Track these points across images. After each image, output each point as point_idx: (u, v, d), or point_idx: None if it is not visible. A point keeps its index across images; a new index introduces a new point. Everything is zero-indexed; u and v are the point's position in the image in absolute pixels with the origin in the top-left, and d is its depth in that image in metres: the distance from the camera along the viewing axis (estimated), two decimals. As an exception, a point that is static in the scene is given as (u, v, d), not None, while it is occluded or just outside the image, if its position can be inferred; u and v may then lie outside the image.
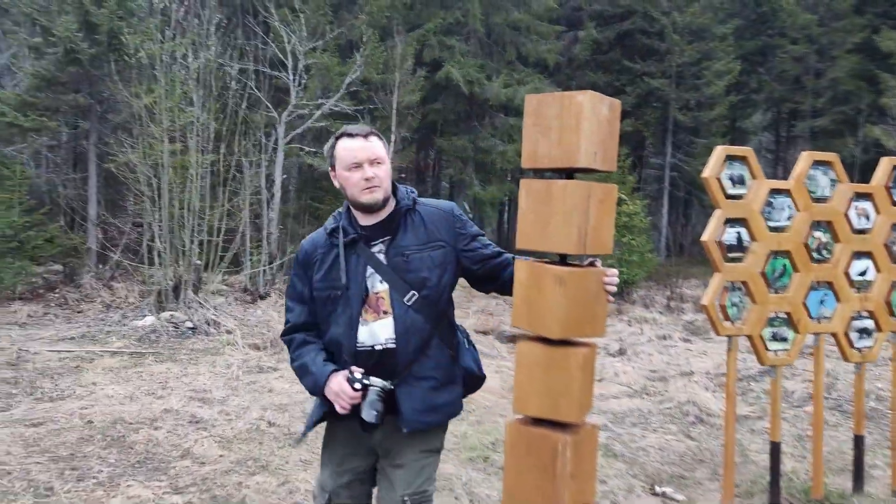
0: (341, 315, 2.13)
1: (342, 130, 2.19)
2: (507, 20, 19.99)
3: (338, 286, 2.13)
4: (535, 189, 1.91)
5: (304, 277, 2.24)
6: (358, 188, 2.12)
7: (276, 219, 12.06)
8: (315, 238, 2.26)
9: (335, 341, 2.16)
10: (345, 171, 2.14)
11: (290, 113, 12.09)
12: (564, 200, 1.84)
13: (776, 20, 25.84)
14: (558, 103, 1.84)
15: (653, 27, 23.22)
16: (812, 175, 3.87)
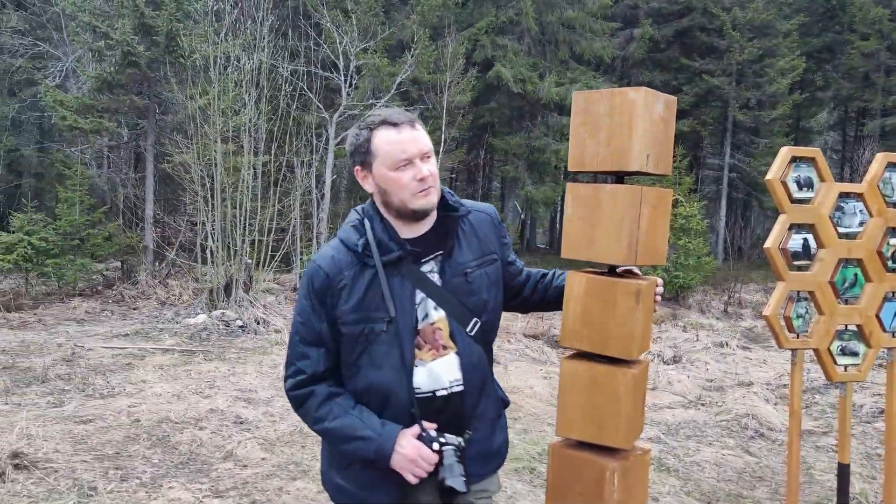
0: (385, 355, 1.65)
1: (380, 118, 1.69)
2: (560, 18, 19.71)
3: (380, 318, 1.64)
4: (581, 194, 1.77)
5: (321, 310, 1.68)
6: (409, 191, 1.65)
7: (325, 218, 12.13)
8: (336, 257, 1.69)
9: (377, 390, 1.68)
10: (390, 170, 1.66)
11: (342, 114, 12.13)
12: (614, 206, 1.70)
13: (845, 15, 24.79)
14: (608, 101, 1.70)
15: (712, 24, 22.57)
16: (887, 178, 3.59)
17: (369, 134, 1.69)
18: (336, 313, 1.66)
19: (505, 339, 9.46)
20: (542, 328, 11.28)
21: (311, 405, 1.70)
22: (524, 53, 19.49)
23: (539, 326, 11.32)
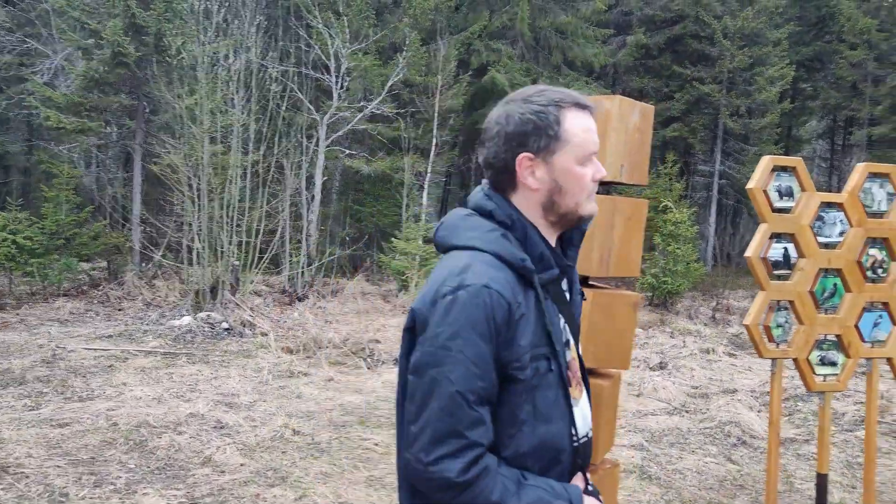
0: (553, 402, 1.31)
1: (568, 96, 1.34)
2: (553, 24, 19.76)
3: (543, 354, 1.29)
4: (554, 203, 1.75)
5: (499, 351, 1.24)
6: (586, 193, 1.36)
7: (315, 220, 12.08)
8: (507, 279, 1.26)
9: (548, 447, 1.31)
10: (577, 164, 1.34)
11: (332, 115, 12.10)
12: (587, 216, 1.68)
13: (834, 25, 24.99)
14: (582, 110, 1.68)
15: (704, 32, 22.68)
16: (867, 188, 3.60)
17: (559, 114, 1.32)
18: (510, 354, 1.24)
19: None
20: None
21: (486, 487, 1.21)
22: (518, 58, 19.53)
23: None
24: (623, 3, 23.26)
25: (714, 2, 22.30)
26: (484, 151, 1.34)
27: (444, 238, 1.33)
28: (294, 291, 12.28)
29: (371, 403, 5.93)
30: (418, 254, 11.76)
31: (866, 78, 23.48)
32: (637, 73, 24.02)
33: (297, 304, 11.79)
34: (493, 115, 1.35)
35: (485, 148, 1.34)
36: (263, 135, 10.52)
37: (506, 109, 1.33)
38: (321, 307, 11.55)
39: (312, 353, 7.89)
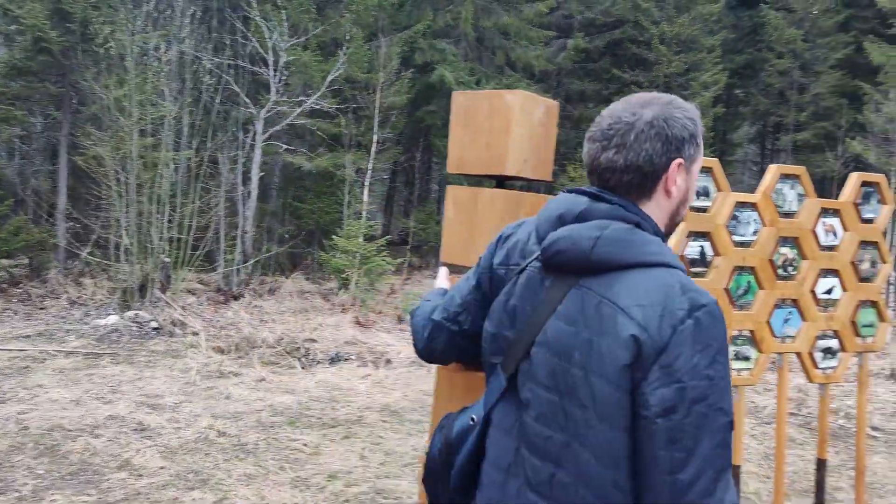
0: None
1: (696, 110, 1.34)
2: (497, 24, 19.89)
3: None
4: (461, 198, 1.74)
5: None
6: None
7: (252, 217, 11.84)
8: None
9: None
10: (695, 174, 1.34)
11: (270, 109, 11.87)
12: (492, 211, 1.67)
13: (765, 34, 25.95)
14: (488, 102, 1.67)
15: (642, 36, 23.21)
16: (779, 189, 3.73)
17: (696, 124, 1.30)
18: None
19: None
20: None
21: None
22: (462, 58, 19.58)
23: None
24: (564, 7, 23.60)
25: (652, 7, 22.83)
26: (626, 153, 1.22)
27: (614, 254, 1.16)
28: (229, 290, 12.00)
29: (303, 403, 5.84)
30: (359, 252, 11.65)
31: (792, 85, 24.46)
32: (578, 77, 24.42)
33: (232, 302, 11.53)
34: (646, 116, 1.23)
35: (627, 150, 1.22)
36: (196, 128, 10.24)
37: (662, 111, 1.24)
38: (257, 306, 11.34)
39: (245, 352, 7.73)
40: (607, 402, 1.09)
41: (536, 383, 1.18)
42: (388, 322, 10.65)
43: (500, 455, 1.23)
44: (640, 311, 1.10)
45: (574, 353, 1.13)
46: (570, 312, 1.16)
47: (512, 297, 1.26)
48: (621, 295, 1.12)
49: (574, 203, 1.23)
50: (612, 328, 1.10)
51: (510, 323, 1.25)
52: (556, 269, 1.20)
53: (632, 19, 23.30)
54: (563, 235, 1.19)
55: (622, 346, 1.09)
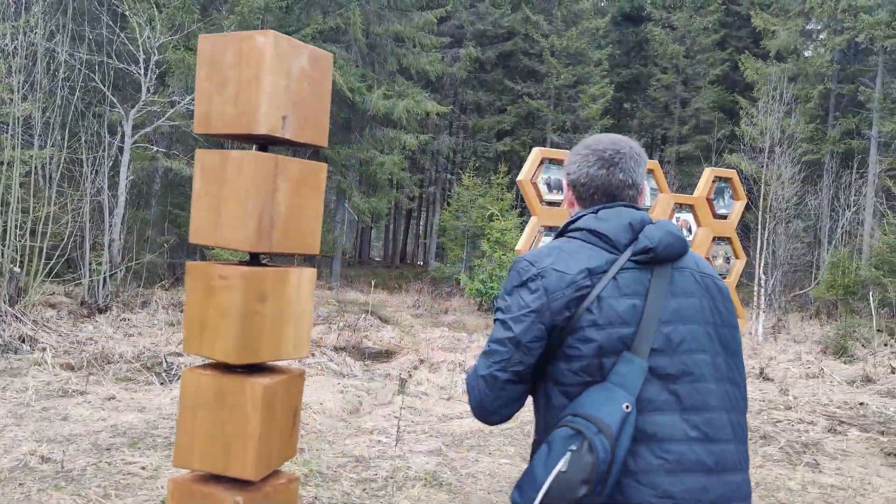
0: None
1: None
2: (388, 31, 19.71)
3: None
4: (208, 163, 1.44)
5: None
6: None
7: (119, 224, 11.01)
8: None
9: None
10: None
11: (140, 110, 11.11)
12: (239, 178, 1.38)
13: (650, 49, 27.12)
14: (236, 48, 1.39)
15: (533, 49, 23.69)
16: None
17: None
18: None
19: (313, 353, 9.01)
20: (355, 340, 10.96)
21: None
22: (352, 63, 19.24)
23: (352, 338, 10.98)
24: (456, 17, 23.75)
25: (542, 20, 23.37)
26: (634, 175, 1.59)
27: (686, 244, 1.56)
28: (95, 302, 11.11)
29: (151, 422, 5.32)
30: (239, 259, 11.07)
31: (675, 99, 25.68)
32: (472, 87, 24.63)
33: (97, 316, 10.66)
34: (634, 147, 1.62)
35: (634, 173, 1.59)
36: (51, 127, 9.40)
37: (635, 143, 1.64)
38: (126, 319, 10.54)
39: (98, 369, 7.06)
40: (736, 342, 1.52)
41: (684, 352, 1.44)
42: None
43: (673, 431, 1.40)
44: (716, 273, 1.58)
45: (703, 316, 1.48)
46: (686, 288, 1.49)
47: (611, 300, 1.43)
48: (703, 267, 1.55)
49: (629, 214, 1.53)
50: (717, 290, 1.52)
51: (621, 320, 1.42)
52: (661, 261, 1.48)
53: (522, 31, 23.78)
54: (663, 234, 1.49)
55: (729, 300, 1.54)
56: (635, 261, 1.47)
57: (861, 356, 10.58)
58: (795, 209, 16.90)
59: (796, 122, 16.39)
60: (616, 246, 1.49)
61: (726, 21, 26.66)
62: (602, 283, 1.44)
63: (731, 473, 1.44)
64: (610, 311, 1.42)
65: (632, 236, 1.50)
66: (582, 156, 1.61)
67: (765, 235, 13.68)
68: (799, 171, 15.86)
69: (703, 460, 1.40)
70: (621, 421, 1.36)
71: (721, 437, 1.43)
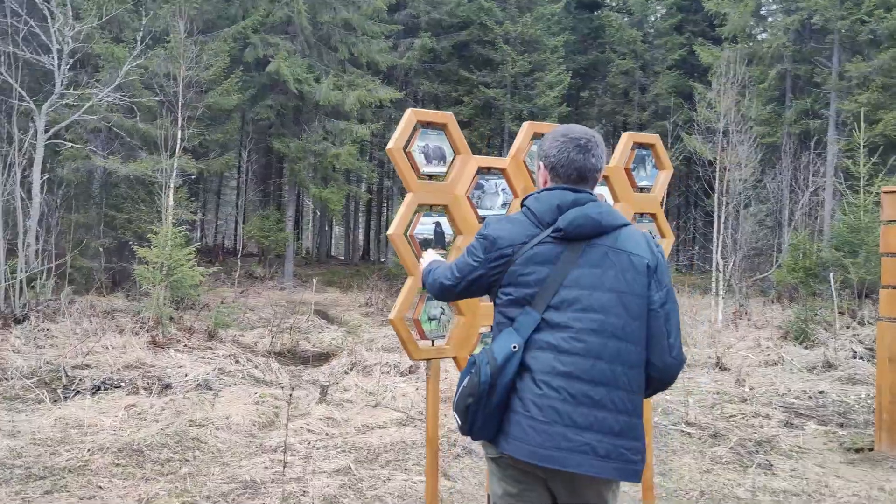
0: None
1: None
2: (335, 19, 18.96)
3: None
4: None
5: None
6: None
7: (34, 227, 10.20)
8: None
9: None
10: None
11: (53, 104, 10.29)
12: None
13: (606, 36, 26.72)
14: None
15: (488, 37, 23.13)
16: (535, 151, 3.07)
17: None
18: None
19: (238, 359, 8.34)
20: (292, 343, 10.32)
21: None
22: (299, 53, 18.48)
23: (290, 341, 10.33)
24: (411, 6, 23.08)
25: (495, 7, 22.81)
26: (601, 161, 2.00)
27: (615, 218, 1.95)
28: (11, 311, 10.28)
29: (15, 450, 4.62)
30: (163, 262, 10.32)
31: (634, 85, 25.35)
32: (427, 77, 24.00)
33: (12, 327, 9.86)
34: (599, 137, 2.03)
35: (601, 160, 2.00)
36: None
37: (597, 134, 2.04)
38: (44, 329, 9.75)
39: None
40: (639, 308, 1.89)
41: (575, 311, 1.85)
42: (195, 339, 9.43)
43: (544, 366, 1.85)
44: (641, 250, 1.93)
45: (603, 284, 1.86)
46: (593, 260, 1.88)
47: (527, 267, 1.89)
48: (627, 244, 1.92)
49: (561, 196, 1.93)
50: (629, 264, 1.90)
51: (530, 283, 1.88)
52: (573, 238, 1.88)
53: (477, 20, 23.18)
54: (577, 216, 1.89)
55: (642, 273, 1.91)
56: (552, 237, 1.89)
57: (822, 340, 10.20)
58: (754, 192, 16.59)
59: (750, 102, 16.05)
60: (541, 223, 1.92)
61: (682, 5, 26.40)
62: (521, 252, 1.89)
63: (599, 410, 1.82)
64: (521, 276, 1.89)
65: (556, 216, 1.90)
66: (561, 142, 1.97)
67: (722, 219, 13.30)
68: (756, 153, 15.53)
69: (567, 391, 1.82)
70: (506, 356, 1.85)
71: (593, 378, 1.83)
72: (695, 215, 21.14)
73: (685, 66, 25.89)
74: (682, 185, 24.81)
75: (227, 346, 9.48)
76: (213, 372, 7.27)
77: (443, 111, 2.84)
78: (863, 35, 19.32)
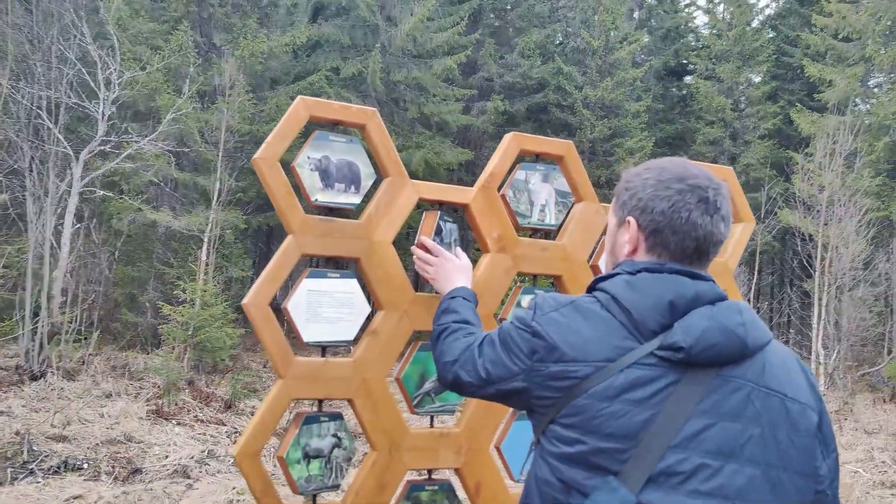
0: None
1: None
2: (408, 78, 18.55)
3: None
4: None
5: None
6: None
7: (61, 278, 9.69)
8: None
9: None
10: None
11: (92, 150, 9.92)
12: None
13: (694, 104, 25.46)
14: None
15: (565, 101, 22.33)
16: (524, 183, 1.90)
17: None
18: None
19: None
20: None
21: None
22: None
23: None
24: (484, 69, 22.63)
25: (574, 72, 22.01)
26: (728, 229, 1.28)
27: (760, 338, 1.18)
28: (29, 367, 9.73)
29: None
30: (192, 322, 9.56)
31: (723, 153, 23.70)
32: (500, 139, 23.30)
33: (27, 384, 9.27)
34: (723, 184, 1.31)
35: (729, 225, 1.28)
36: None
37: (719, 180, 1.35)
38: (59, 388, 9.09)
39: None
40: (799, 495, 1.14)
41: (691, 495, 1.08)
42: (210, 409, 8.48)
43: None
44: (802, 392, 1.18)
45: (742, 449, 1.11)
46: (728, 406, 1.12)
47: (614, 403, 1.11)
48: (780, 380, 1.16)
49: (676, 286, 1.18)
50: (784, 415, 1.14)
51: (615, 433, 1.10)
52: (698, 364, 1.12)
53: (554, 83, 22.45)
54: (709, 326, 1.13)
55: (806, 433, 1.15)
56: (660, 357, 1.13)
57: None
58: (863, 273, 14.57)
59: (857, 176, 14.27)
60: (640, 329, 1.16)
61: (777, 73, 24.82)
62: (603, 375, 1.12)
63: None
64: (600, 418, 1.12)
65: (668, 321, 1.15)
66: (676, 191, 1.22)
67: (824, 303, 11.47)
68: (865, 229, 13.66)
69: None
70: None
71: None
72: (791, 295, 19.04)
73: (779, 136, 24.15)
74: (777, 260, 22.78)
75: (242, 419, 8.49)
76: (200, 455, 6.23)
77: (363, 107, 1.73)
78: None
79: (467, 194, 1.81)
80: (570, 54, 23.59)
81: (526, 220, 1.91)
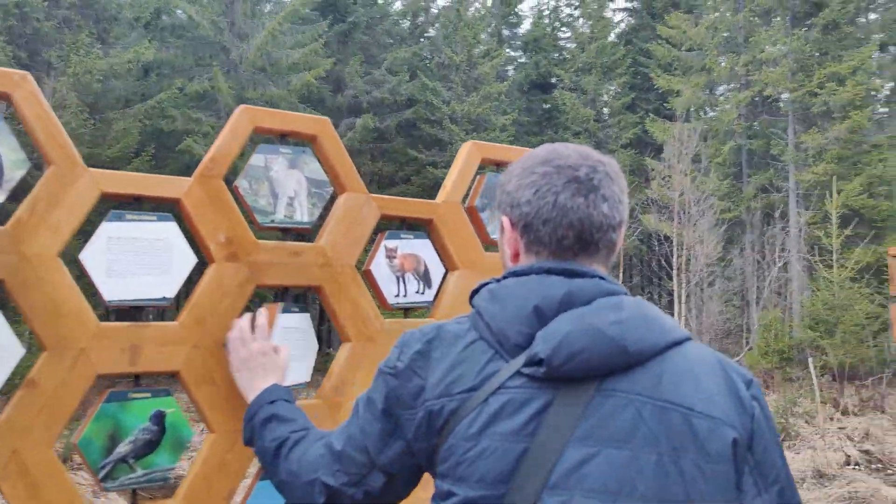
0: None
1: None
2: (264, 95, 17.80)
3: None
4: None
5: None
6: None
7: None
8: None
9: None
10: None
11: None
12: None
13: (560, 116, 26.30)
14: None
15: (434, 116, 22.37)
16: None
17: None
18: None
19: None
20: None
21: None
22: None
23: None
24: (352, 86, 22.25)
25: (440, 87, 22.09)
26: (620, 208, 1.05)
27: (647, 339, 0.94)
28: None
29: None
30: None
31: (588, 164, 24.66)
32: (371, 157, 22.93)
33: None
34: (611, 162, 1.08)
35: (620, 205, 1.05)
36: None
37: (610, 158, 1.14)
38: None
39: None
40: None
41: None
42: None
43: None
44: (716, 405, 0.93)
45: (634, 484, 0.87)
46: (614, 428, 0.90)
47: (480, 441, 0.91)
48: (683, 391, 0.92)
49: (547, 286, 0.97)
50: (691, 436, 0.90)
51: (485, 476, 0.90)
52: (569, 378, 0.91)
53: (423, 99, 22.46)
54: (574, 330, 0.92)
55: (720, 458, 0.90)
56: (527, 375, 0.92)
57: (806, 437, 8.65)
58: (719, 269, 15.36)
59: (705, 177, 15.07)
60: (504, 345, 0.95)
61: (634, 83, 26.10)
62: (467, 407, 0.92)
63: None
64: (465, 462, 0.91)
65: (535, 330, 0.94)
66: (539, 174, 1.01)
67: (682, 298, 11.90)
68: (718, 228, 14.41)
69: None
70: None
71: None
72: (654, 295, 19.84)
73: (640, 145, 25.36)
74: (643, 262, 23.80)
75: None
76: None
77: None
78: (815, 107, 18.81)
79: (179, 186, 1.39)
80: (436, 70, 23.69)
81: (268, 218, 1.51)
